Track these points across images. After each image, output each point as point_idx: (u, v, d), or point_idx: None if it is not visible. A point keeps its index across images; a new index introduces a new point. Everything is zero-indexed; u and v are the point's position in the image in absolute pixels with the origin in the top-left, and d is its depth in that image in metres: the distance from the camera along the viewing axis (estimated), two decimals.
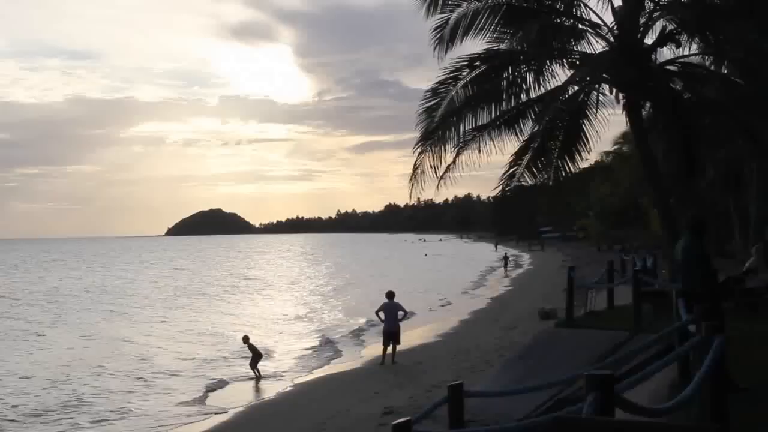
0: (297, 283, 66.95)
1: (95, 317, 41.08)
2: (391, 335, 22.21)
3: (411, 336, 26.95)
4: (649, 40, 17.27)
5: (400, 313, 22.59)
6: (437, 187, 18.14)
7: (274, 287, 62.16)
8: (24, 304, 49.30)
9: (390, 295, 22.96)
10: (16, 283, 71.51)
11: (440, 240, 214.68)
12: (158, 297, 53.51)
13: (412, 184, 18.08)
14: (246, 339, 23.53)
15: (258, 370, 22.58)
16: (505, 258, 71.08)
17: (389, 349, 22.19)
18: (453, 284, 54.78)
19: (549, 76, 17.66)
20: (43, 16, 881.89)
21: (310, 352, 27.69)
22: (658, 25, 17.25)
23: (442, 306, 41.63)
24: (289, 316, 40.33)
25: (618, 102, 17.23)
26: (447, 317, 34.44)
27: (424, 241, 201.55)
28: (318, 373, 22.92)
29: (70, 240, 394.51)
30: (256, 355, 22.79)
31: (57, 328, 36.89)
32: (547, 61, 17.63)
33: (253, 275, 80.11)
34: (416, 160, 17.88)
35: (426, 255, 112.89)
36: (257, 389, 21.30)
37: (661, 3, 17.21)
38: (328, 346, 28.92)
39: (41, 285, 68.61)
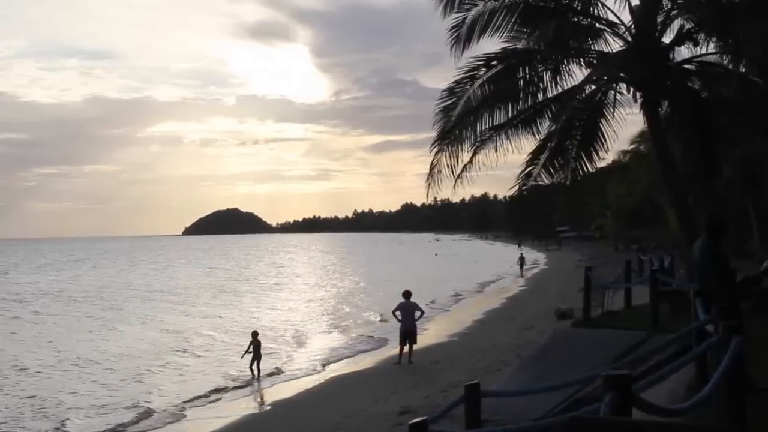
0: (321, 281, 68.11)
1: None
2: (408, 335, 22.19)
3: (427, 335, 26.97)
4: (667, 39, 17.25)
5: (417, 312, 22.60)
6: (454, 186, 18.18)
7: (302, 285, 63.48)
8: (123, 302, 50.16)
9: (407, 294, 22.96)
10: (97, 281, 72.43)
11: (453, 240, 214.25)
12: (207, 293, 56.06)
13: (429, 184, 18.09)
14: (255, 335, 23.40)
15: (257, 370, 22.67)
16: (521, 259, 70.72)
17: (406, 348, 22.18)
18: (468, 284, 54.76)
19: (566, 75, 17.65)
20: (61, 16, 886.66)
21: (328, 350, 27.79)
22: (676, 24, 17.21)
23: (457, 306, 41.65)
24: (311, 314, 40.67)
25: (635, 101, 17.20)
26: (462, 317, 34.40)
27: (437, 240, 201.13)
28: (335, 372, 22.96)
29: (89, 239, 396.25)
30: (256, 355, 22.75)
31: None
32: (564, 60, 17.60)
33: (288, 272, 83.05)
34: (433, 160, 17.90)
35: (436, 254, 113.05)
36: (256, 390, 21.36)
37: (678, 2, 17.16)
38: (345, 345, 29.00)
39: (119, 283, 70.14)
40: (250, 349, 22.87)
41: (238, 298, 51.94)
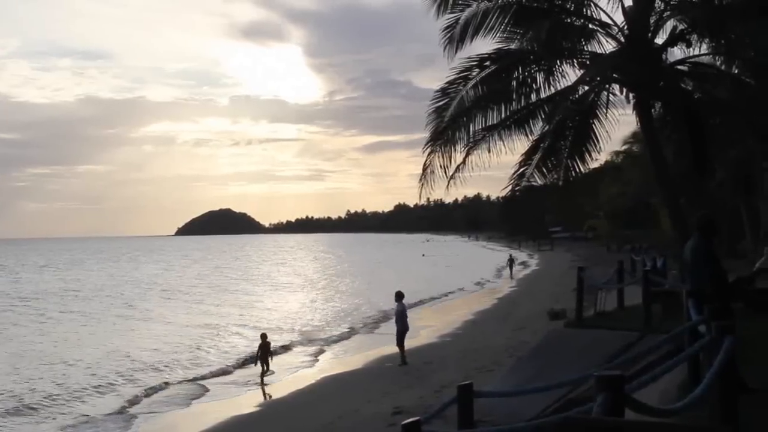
0: (322, 281, 68.98)
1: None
2: (403, 335, 22.06)
3: (420, 336, 26.97)
4: (660, 39, 17.21)
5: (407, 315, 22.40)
6: (447, 187, 18.09)
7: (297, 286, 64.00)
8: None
9: (399, 296, 22.73)
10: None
11: (445, 241, 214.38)
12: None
13: (422, 184, 18.03)
14: (264, 337, 23.04)
15: (266, 371, 22.32)
16: (511, 260, 70.37)
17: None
18: (460, 285, 54.70)
19: (559, 76, 17.59)
20: (55, 16, 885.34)
21: (322, 350, 27.80)
22: (669, 25, 17.18)
23: (449, 306, 41.66)
24: (306, 314, 40.91)
25: (628, 102, 17.16)
26: (455, 318, 34.40)
27: (428, 241, 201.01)
28: (327, 373, 22.94)
29: (82, 240, 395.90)
30: (263, 360, 22.37)
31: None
32: (558, 61, 17.57)
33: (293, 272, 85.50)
34: (426, 160, 17.85)
35: (423, 255, 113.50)
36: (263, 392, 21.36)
37: (671, 3, 17.14)
38: (337, 346, 29.01)
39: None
40: (260, 353, 22.56)
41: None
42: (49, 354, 28.66)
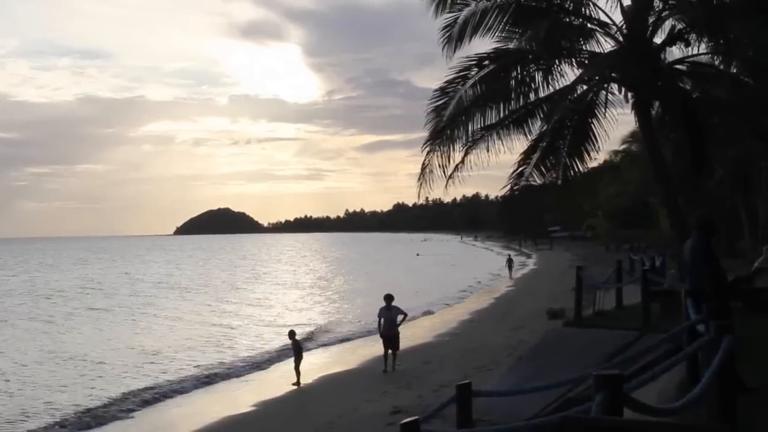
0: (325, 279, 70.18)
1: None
2: (390, 340, 21.78)
3: (418, 335, 26.95)
4: (658, 39, 17.23)
5: (399, 317, 21.80)
6: (446, 186, 18.11)
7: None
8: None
9: (388, 298, 22.23)
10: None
11: (443, 240, 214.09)
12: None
13: (421, 184, 18.05)
14: (292, 334, 22.27)
15: (296, 371, 21.18)
16: (509, 261, 69.93)
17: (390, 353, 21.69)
18: (457, 285, 54.63)
19: (558, 75, 17.60)
20: (53, 15, 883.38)
21: (319, 351, 27.80)
22: (667, 25, 17.19)
23: (447, 306, 41.64)
24: (304, 312, 40.88)
25: (627, 101, 17.18)
26: (453, 317, 34.40)
27: (425, 240, 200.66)
28: (326, 372, 22.91)
29: (82, 239, 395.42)
30: (298, 355, 21.41)
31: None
32: (556, 61, 17.57)
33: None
34: (425, 160, 17.86)
35: (418, 255, 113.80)
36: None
37: (670, 2, 17.15)
38: (335, 346, 29.00)
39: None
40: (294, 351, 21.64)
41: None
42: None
